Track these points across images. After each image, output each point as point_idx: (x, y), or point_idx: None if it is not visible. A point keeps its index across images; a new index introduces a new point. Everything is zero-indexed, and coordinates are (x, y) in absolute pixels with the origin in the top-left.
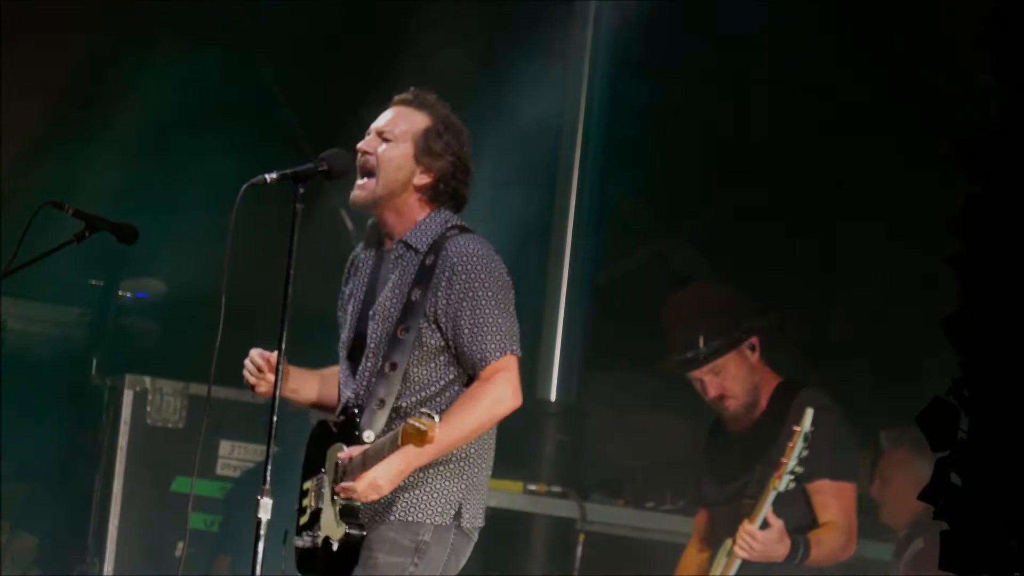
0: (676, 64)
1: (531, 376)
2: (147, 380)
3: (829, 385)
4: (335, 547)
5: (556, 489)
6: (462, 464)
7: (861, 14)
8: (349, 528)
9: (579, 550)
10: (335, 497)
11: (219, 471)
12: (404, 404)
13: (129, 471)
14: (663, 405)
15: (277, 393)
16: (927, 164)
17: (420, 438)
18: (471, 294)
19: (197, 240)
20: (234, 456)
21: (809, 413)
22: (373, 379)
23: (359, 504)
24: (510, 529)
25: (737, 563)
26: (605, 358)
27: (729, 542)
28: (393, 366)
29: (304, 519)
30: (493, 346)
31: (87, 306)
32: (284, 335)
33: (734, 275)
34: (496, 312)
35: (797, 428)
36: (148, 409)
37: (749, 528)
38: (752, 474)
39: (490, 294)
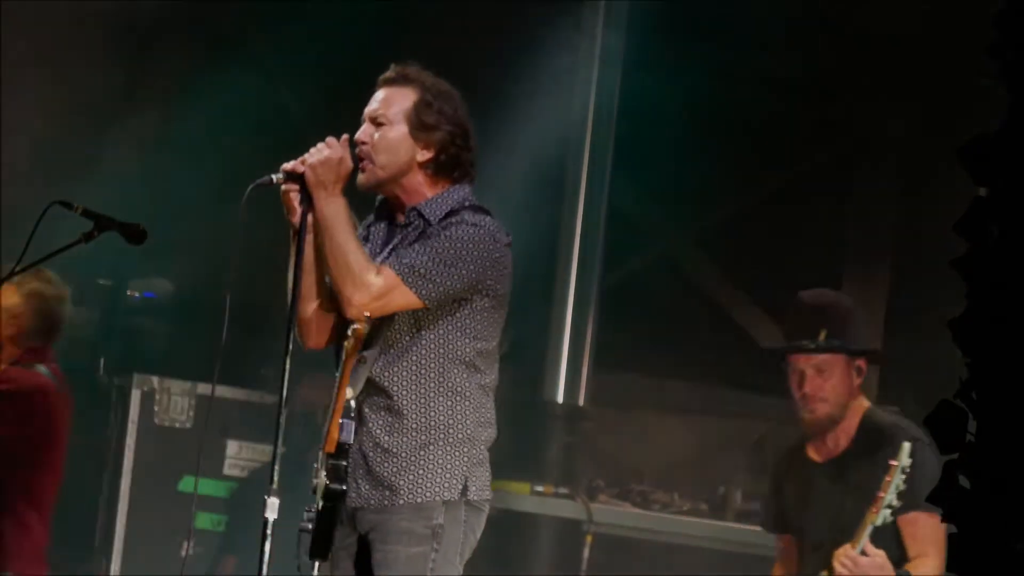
0: (685, 65)
1: (538, 377)
2: (155, 380)
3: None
4: (320, 505)
5: (563, 491)
6: (462, 441)
7: (868, 17)
8: (331, 483)
9: (586, 552)
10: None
11: (226, 471)
12: (381, 362)
13: (136, 471)
14: (670, 407)
15: (284, 393)
16: (934, 166)
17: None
18: (434, 236)
19: (205, 240)
20: (241, 456)
21: (906, 447)
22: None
23: (345, 464)
24: (517, 530)
25: None
26: (612, 360)
27: (824, 574)
28: (378, 326)
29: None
30: (401, 264)
31: (95, 306)
32: (291, 335)
33: (742, 277)
34: (435, 255)
35: (894, 463)
36: (156, 409)
37: (851, 553)
38: (845, 507)
39: (448, 244)
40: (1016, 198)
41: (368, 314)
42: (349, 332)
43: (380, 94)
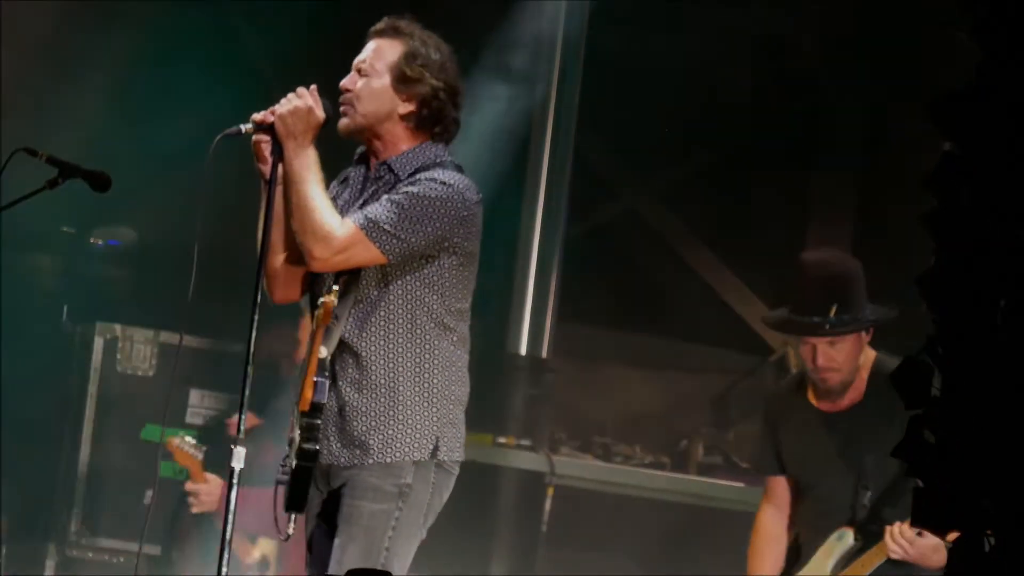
0: (651, 20)
1: (502, 330)
2: (118, 328)
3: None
4: (294, 464)
5: (525, 442)
6: (432, 399)
7: None
8: (304, 442)
9: (548, 503)
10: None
11: (188, 420)
12: (351, 320)
13: (99, 419)
14: (633, 360)
15: (252, 340)
16: (903, 122)
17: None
18: (401, 191)
19: (170, 188)
20: (203, 405)
21: None
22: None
23: (318, 422)
24: (479, 482)
25: (879, 562)
26: (576, 312)
27: (848, 534)
28: (347, 283)
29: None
30: (365, 218)
31: (58, 253)
32: (260, 285)
33: (706, 232)
34: (400, 211)
35: None
36: (118, 357)
37: (908, 533)
38: (850, 457)
39: (415, 201)
40: (986, 154)
41: (320, 271)
42: (319, 304)
43: (370, 45)
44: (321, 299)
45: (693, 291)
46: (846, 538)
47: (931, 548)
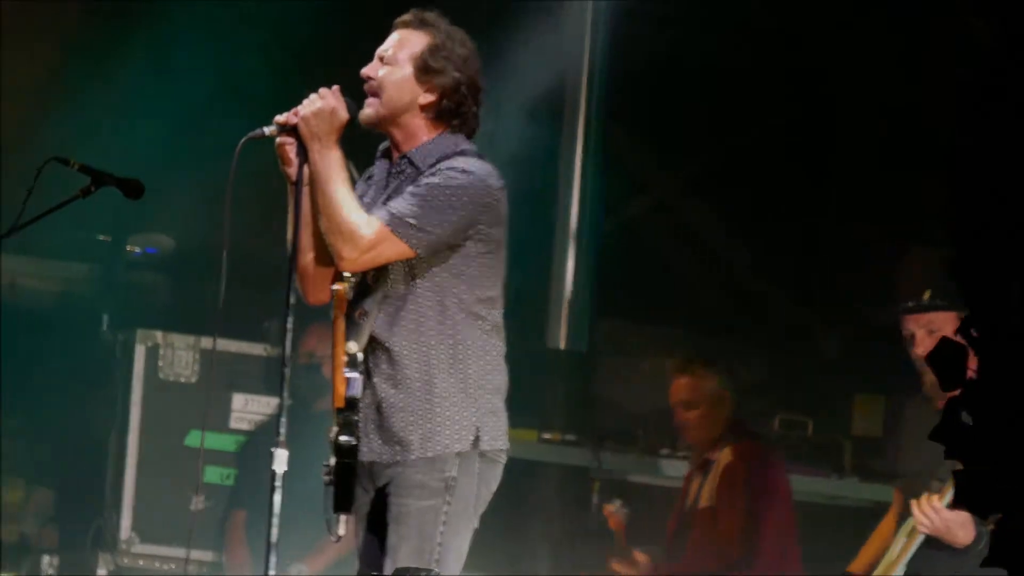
0: (680, 9)
1: (541, 325)
2: (158, 335)
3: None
4: (333, 461)
5: (570, 437)
6: (468, 390)
7: None
8: (340, 435)
9: (594, 497)
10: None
11: (233, 424)
12: (381, 315)
13: (143, 426)
14: (674, 352)
15: (287, 343)
16: (924, 107)
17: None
18: (423, 183)
19: (204, 194)
20: (247, 409)
21: None
22: (360, 291)
23: (356, 418)
24: (525, 478)
25: (917, 542)
26: (614, 305)
27: (911, 520)
28: (375, 278)
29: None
30: (390, 215)
31: (96, 262)
32: (292, 288)
33: (737, 222)
34: (424, 203)
35: None
36: (160, 364)
37: (936, 504)
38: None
39: (437, 192)
40: (1005, 141)
41: (349, 271)
42: (332, 292)
43: (394, 35)
44: (333, 287)
45: (726, 284)
46: (907, 524)
47: (958, 524)
